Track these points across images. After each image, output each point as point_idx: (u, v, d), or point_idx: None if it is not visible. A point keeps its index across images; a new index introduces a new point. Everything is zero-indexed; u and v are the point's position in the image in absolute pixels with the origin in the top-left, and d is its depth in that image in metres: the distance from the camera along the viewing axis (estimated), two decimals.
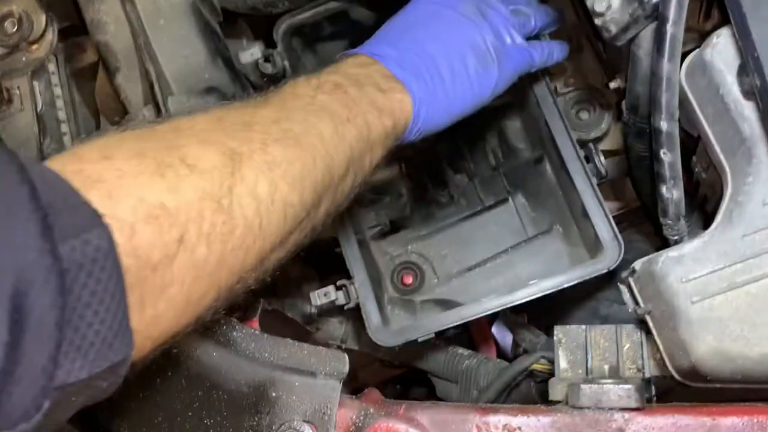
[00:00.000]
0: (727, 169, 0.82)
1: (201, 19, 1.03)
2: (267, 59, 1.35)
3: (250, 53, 1.32)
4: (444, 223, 1.51)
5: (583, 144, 1.30)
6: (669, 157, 0.87)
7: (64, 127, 1.05)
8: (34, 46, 1.01)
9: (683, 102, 0.87)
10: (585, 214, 1.22)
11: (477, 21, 1.00)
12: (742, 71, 0.77)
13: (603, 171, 1.16)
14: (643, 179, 1.10)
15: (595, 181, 1.18)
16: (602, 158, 1.16)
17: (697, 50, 0.84)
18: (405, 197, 1.48)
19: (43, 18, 1.00)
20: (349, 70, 0.91)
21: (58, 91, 1.05)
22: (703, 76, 0.83)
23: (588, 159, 1.20)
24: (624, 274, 0.86)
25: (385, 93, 0.89)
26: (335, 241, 1.41)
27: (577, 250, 1.34)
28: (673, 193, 0.89)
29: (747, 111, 0.78)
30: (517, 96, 1.44)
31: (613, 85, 1.15)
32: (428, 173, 1.56)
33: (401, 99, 0.91)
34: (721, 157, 0.83)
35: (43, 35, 0.99)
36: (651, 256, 0.82)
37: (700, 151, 0.92)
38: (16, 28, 1.00)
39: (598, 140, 1.34)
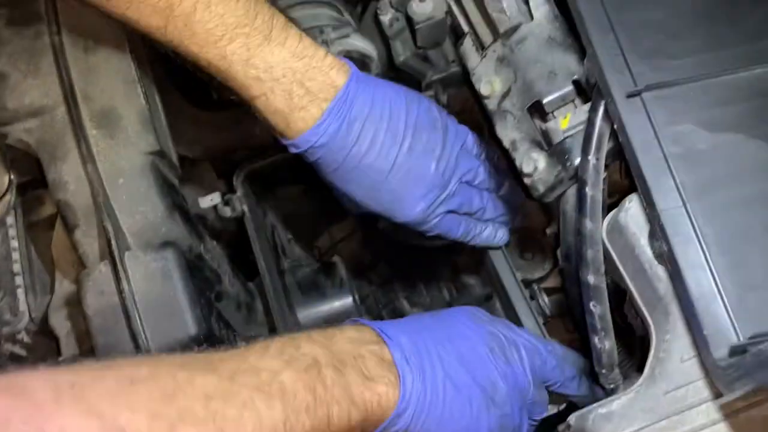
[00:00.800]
0: (651, 324, 0.87)
1: (159, 176, 1.10)
2: (226, 203, 1.42)
3: (210, 199, 1.39)
4: None
5: (527, 284, 1.36)
6: (598, 309, 0.92)
7: (18, 280, 1.08)
8: None
9: (607, 257, 0.93)
10: None
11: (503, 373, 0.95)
12: (652, 236, 0.84)
13: (547, 311, 1.21)
14: (580, 322, 1.15)
15: (540, 320, 1.23)
16: (546, 298, 1.21)
17: (614, 212, 0.92)
18: None
19: (6, 179, 1.05)
20: (340, 345, 0.84)
21: (14, 243, 1.08)
22: (621, 236, 0.90)
23: (532, 297, 1.26)
24: (561, 428, 0.89)
25: (369, 381, 0.81)
26: None
27: None
28: (605, 343, 0.93)
29: (660, 272, 0.84)
30: None
31: (549, 231, 1.22)
32: (385, 308, 1.61)
33: (386, 392, 0.81)
34: (645, 312, 0.88)
35: (3, 195, 1.04)
36: (583, 411, 0.85)
37: (628, 301, 0.97)
38: None
39: (542, 279, 1.41)
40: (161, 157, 1.11)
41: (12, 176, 1.05)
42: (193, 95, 1.49)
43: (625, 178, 1.01)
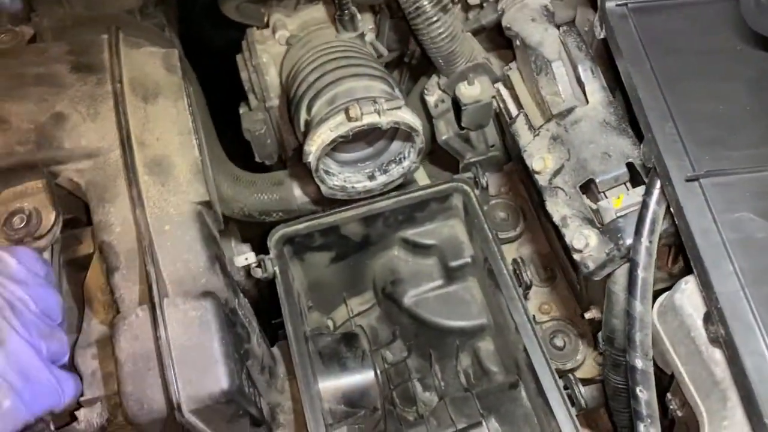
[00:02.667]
0: (703, 410, 0.85)
1: (205, 226, 1.10)
2: (258, 264, 1.42)
3: (245, 258, 1.39)
4: None
5: (560, 374, 1.33)
6: (645, 395, 0.90)
7: None
8: (38, 241, 1.05)
9: (656, 340, 0.92)
10: None
11: None
12: (707, 320, 0.84)
13: (582, 402, 1.18)
14: (619, 411, 1.13)
15: (574, 411, 1.20)
16: (582, 389, 1.19)
17: (668, 293, 0.91)
18: (380, 411, 1.47)
19: (53, 216, 1.05)
20: None
21: None
22: (674, 318, 0.89)
23: (566, 388, 1.23)
24: None
25: None
26: None
27: None
28: (650, 431, 0.91)
29: (717, 355, 0.83)
30: (494, 319, 1.51)
31: (588, 315, 1.21)
32: (396, 389, 1.57)
33: None
34: (696, 398, 0.86)
35: (49, 231, 1.04)
36: None
37: (674, 388, 0.95)
38: (24, 223, 1.04)
39: (573, 369, 1.38)
40: (208, 208, 1.11)
41: (59, 212, 1.05)
42: (237, 154, 1.52)
43: (673, 264, 1.01)
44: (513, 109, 1.22)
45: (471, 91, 1.34)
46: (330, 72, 1.34)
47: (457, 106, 1.41)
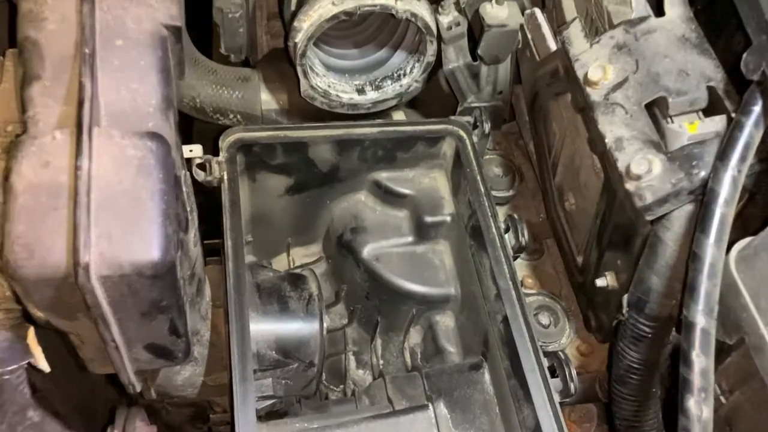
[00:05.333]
0: None
1: (165, 58, 0.83)
2: (203, 165, 1.15)
3: (189, 149, 1.12)
4: (340, 420, 1.23)
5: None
6: (702, 361, 0.70)
7: None
8: None
9: (726, 295, 0.73)
10: None
11: None
12: None
13: (572, 387, 0.97)
14: (624, 398, 0.92)
15: (558, 398, 0.99)
16: (574, 372, 0.97)
17: (753, 238, 0.73)
18: (315, 369, 1.20)
19: None
20: None
21: None
22: (762, 266, 0.70)
23: (553, 372, 1.02)
24: None
25: None
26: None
27: None
28: (702, 409, 0.70)
29: None
30: (462, 291, 1.29)
31: (600, 282, 1.01)
32: (326, 360, 1.31)
33: None
34: None
35: None
36: None
37: (726, 367, 0.76)
38: None
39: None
40: (175, 39, 0.85)
41: None
42: (201, 37, 1.26)
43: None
44: (567, 15, 1.02)
45: (498, 12, 1.15)
46: None
47: (473, 32, 1.21)
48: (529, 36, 1.13)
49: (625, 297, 0.87)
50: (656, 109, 0.83)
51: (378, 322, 1.39)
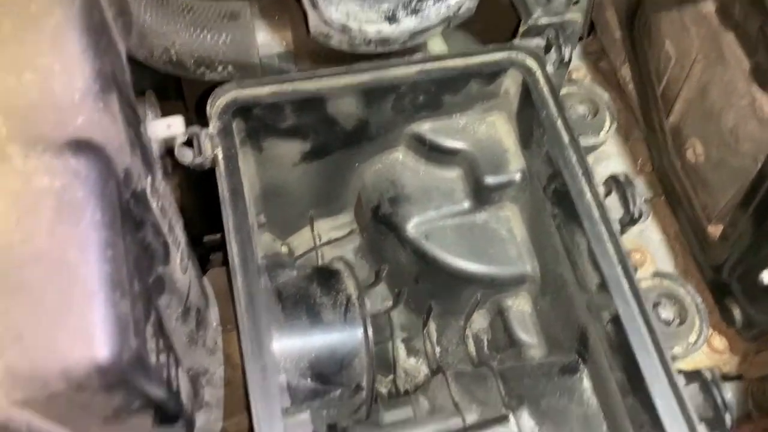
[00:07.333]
0: None
1: (95, 13, 0.52)
2: (189, 141, 0.85)
3: (167, 125, 0.81)
4: None
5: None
6: None
7: None
8: None
9: None
10: None
11: None
12: None
13: (728, 420, 0.69)
14: None
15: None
16: (729, 397, 0.69)
17: None
18: (365, 392, 0.93)
19: None
20: None
21: None
22: None
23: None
24: None
25: None
26: None
27: None
28: None
29: None
30: (542, 268, 0.99)
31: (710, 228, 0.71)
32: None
33: None
34: None
35: None
36: None
37: None
38: None
39: (674, 358, 0.89)
40: None
41: None
42: None
43: None
44: None
45: None
46: None
47: None
48: None
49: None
50: None
51: (431, 307, 1.12)
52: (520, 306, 1.05)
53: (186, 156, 0.84)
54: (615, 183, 0.81)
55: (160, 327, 0.55)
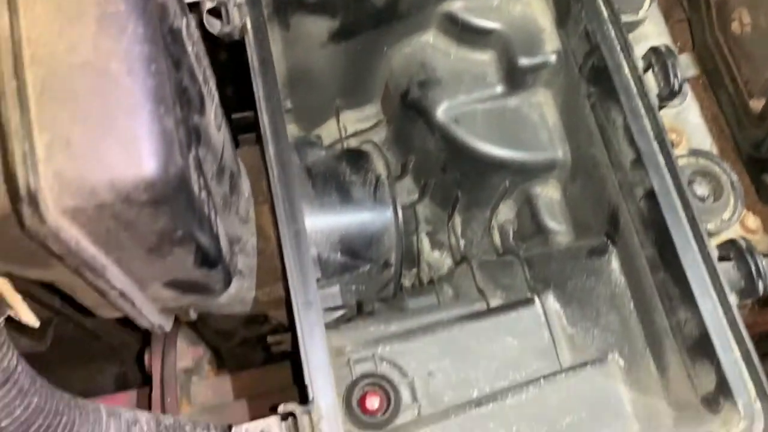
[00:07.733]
0: None
1: None
2: (217, 10, 0.83)
3: None
4: (424, 320, 0.98)
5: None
6: None
7: None
8: None
9: None
10: (700, 346, 0.75)
11: None
12: None
13: (760, 286, 0.69)
14: None
15: (735, 300, 0.71)
16: (762, 264, 0.69)
17: None
18: (393, 268, 0.94)
19: None
20: None
21: None
22: None
23: (724, 259, 0.73)
24: None
25: None
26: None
27: (652, 401, 0.85)
28: None
29: None
30: (574, 153, 0.97)
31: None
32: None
33: None
34: None
35: None
36: None
37: None
38: None
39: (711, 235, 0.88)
40: None
41: None
42: None
43: None
44: None
45: None
46: None
47: None
48: None
49: None
50: None
51: (458, 198, 1.12)
52: (548, 193, 1.04)
53: (214, 25, 0.82)
54: (655, 54, 0.78)
55: (200, 167, 0.54)
